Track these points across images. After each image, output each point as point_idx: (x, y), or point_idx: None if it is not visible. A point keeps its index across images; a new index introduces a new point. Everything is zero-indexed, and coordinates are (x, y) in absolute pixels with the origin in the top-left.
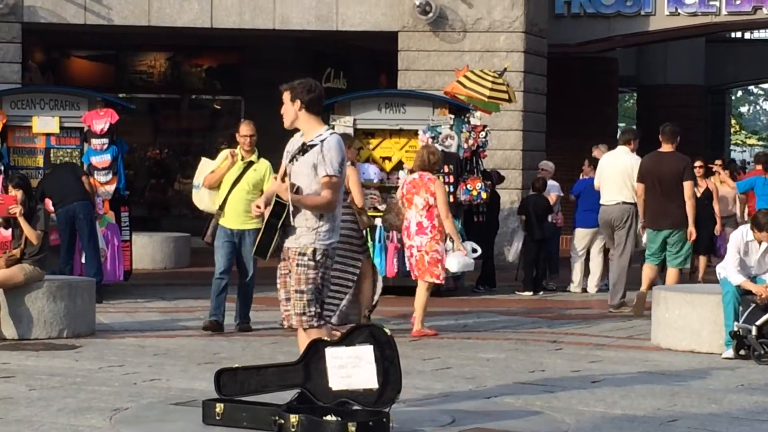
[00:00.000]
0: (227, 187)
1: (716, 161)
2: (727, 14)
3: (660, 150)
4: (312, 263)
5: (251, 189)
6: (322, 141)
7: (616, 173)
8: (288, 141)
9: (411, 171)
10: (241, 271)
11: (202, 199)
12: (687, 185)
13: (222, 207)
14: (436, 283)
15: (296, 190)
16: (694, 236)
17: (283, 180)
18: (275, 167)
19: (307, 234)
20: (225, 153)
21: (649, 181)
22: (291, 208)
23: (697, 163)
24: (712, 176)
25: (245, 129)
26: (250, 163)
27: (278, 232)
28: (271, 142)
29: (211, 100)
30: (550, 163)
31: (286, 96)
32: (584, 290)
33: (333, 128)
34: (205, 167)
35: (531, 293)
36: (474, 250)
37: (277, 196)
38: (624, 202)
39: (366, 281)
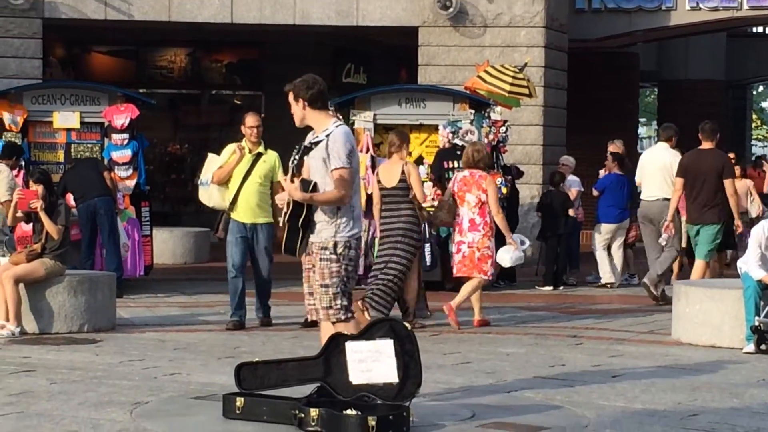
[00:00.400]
0: (238, 182)
1: (728, 154)
2: (749, 9)
3: (700, 147)
4: (334, 257)
5: (263, 181)
6: (327, 135)
7: (657, 169)
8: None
9: (428, 165)
10: (256, 266)
11: (212, 196)
12: (727, 183)
13: (234, 201)
14: (484, 279)
15: (313, 187)
16: (741, 229)
17: (292, 181)
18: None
19: (327, 228)
20: (231, 147)
21: (689, 178)
22: (287, 210)
23: None
24: None
25: (251, 120)
26: (259, 155)
27: (302, 230)
28: (291, 137)
29: (231, 96)
30: (571, 158)
31: (291, 96)
32: (609, 285)
33: (353, 123)
34: (212, 163)
35: (551, 288)
36: (522, 242)
37: None
38: (665, 198)
39: (414, 276)
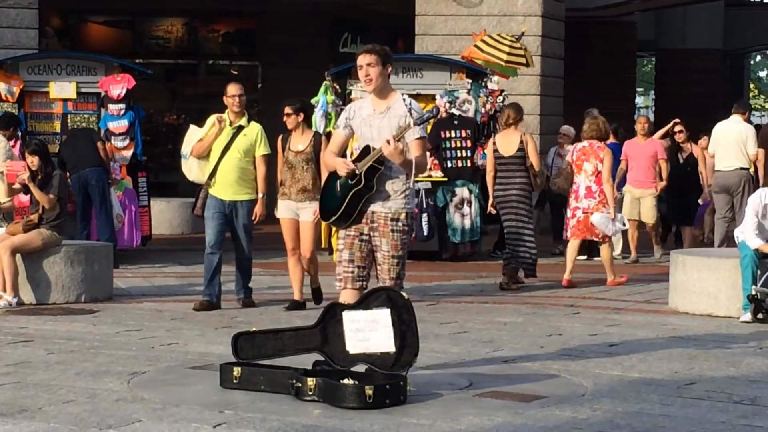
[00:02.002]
0: (217, 155)
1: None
2: None
3: None
4: (406, 228)
5: (242, 156)
6: (410, 104)
7: (732, 141)
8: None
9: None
10: (238, 245)
11: (191, 170)
12: None
13: (212, 176)
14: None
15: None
16: None
17: (392, 142)
18: (276, 131)
19: (395, 198)
20: (213, 119)
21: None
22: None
23: (678, 128)
24: (699, 141)
25: (233, 89)
26: (240, 128)
27: (363, 201)
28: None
29: (228, 66)
30: (572, 128)
31: (373, 59)
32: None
33: (350, 92)
34: (193, 135)
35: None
36: (623, 223)
37: (375, 160)
38: (741, 168)
39: None
